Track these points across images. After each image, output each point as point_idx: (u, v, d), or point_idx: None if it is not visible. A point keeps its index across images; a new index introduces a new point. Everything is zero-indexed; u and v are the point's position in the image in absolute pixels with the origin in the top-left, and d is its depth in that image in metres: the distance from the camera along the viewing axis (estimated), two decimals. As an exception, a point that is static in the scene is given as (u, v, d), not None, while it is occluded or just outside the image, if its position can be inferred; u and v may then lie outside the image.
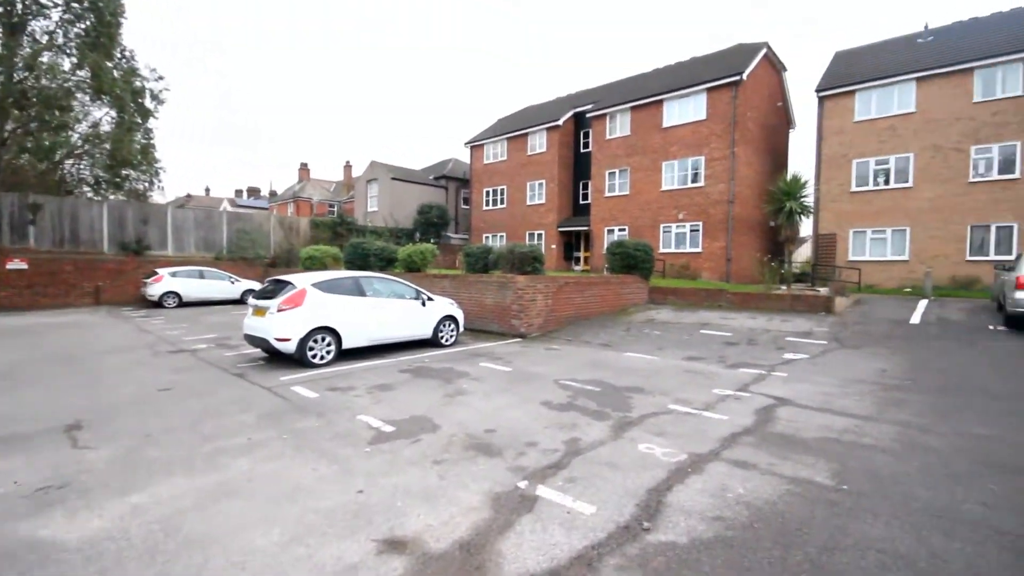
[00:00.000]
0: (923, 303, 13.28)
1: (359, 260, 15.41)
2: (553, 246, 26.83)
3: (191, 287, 16.97)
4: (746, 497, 3.30)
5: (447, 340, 9.37)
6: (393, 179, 31.14)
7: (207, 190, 55.34)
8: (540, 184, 27.41)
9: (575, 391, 6.05)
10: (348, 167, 49.28)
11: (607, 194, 24.21)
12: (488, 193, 30.31)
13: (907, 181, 18.29)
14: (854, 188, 19.25)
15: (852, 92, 19.24)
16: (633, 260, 14.36)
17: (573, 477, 3.63)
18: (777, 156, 23.81)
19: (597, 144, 24.65)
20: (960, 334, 9.43)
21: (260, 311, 7.63)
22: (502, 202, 29.48)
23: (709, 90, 20.35)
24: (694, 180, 20.96)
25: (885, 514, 3.07)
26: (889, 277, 18.32)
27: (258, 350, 8.36)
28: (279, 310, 7.35)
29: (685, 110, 21.26)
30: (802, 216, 16.54)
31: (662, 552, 2.68)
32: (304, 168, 48.77)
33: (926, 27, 21.01)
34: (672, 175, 21.72)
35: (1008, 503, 3.21)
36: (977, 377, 6.58)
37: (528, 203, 28.06)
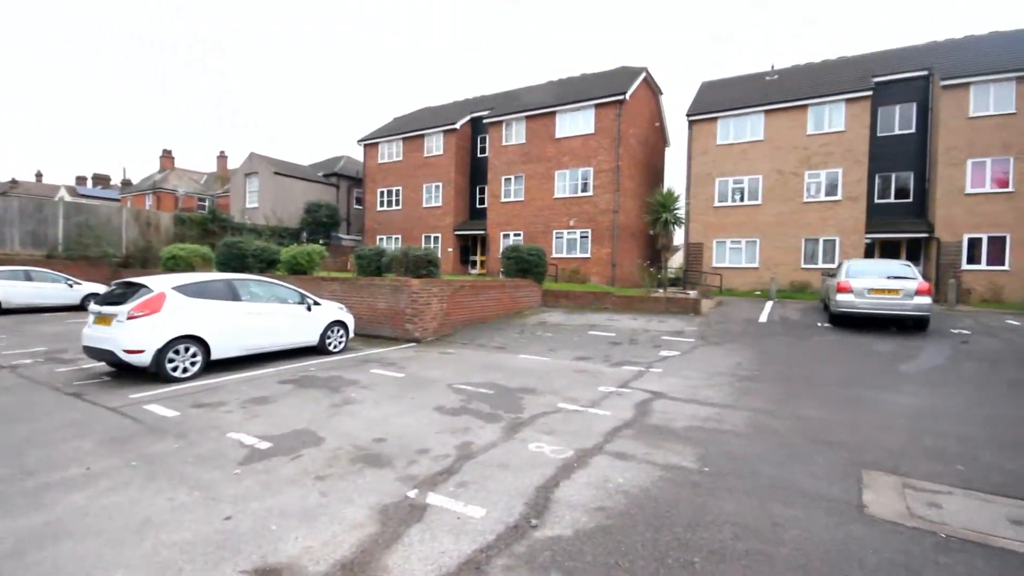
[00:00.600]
0: (769, 304, 15.38)
1: (235, 261, 13.99)
2: (450, 249, 26.71)
3: (15, 291, 14.12)
4: (624, 486, 3.53)
5: (336, 347, 8.86)
6: (276, 174, 28.82)
7: (38, 175, 46.64)
8: (437, 187, 27.15)
9: (469, 395, 6.05)
10: (223, 158, 44.52)
11: (503, 199, 24.69)
12: (383, 193, 29.32)
13: (757, 199, 21.10)
14: (717, 203, 21.76)
15: (715, 119, 21.75)
16: (527, 264, 14.79)
17: (464, 481, 3.62)
18: (655, 171, 26.10)
19: (494, 150, 25.05)
20: (797, 331, 11.07)
21: (104, 319, 6.57)
22: (397, 203, 28.70)
23: (597, 106, 21.72)
24: (584, 190, 22.19)
25: (738, 490, 3.48)
26: (744, 282, 20.95)
27: (103, 364, 7.19)
28: (130, 317, 6.38)
29: (576, 123, 22.46)
30: (675, 226, 18.30)
31: (548, 547, 2.76)
32: (167, 156, 43.00)
33: (772, 67, 24.46)
34: (564, 184, 22.78)
35: (831, 473, 3.81)
36: (808, 367, 7.76)
37: (424, 205, 27.64)
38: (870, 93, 19.23)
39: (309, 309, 8.44)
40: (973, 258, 18.02)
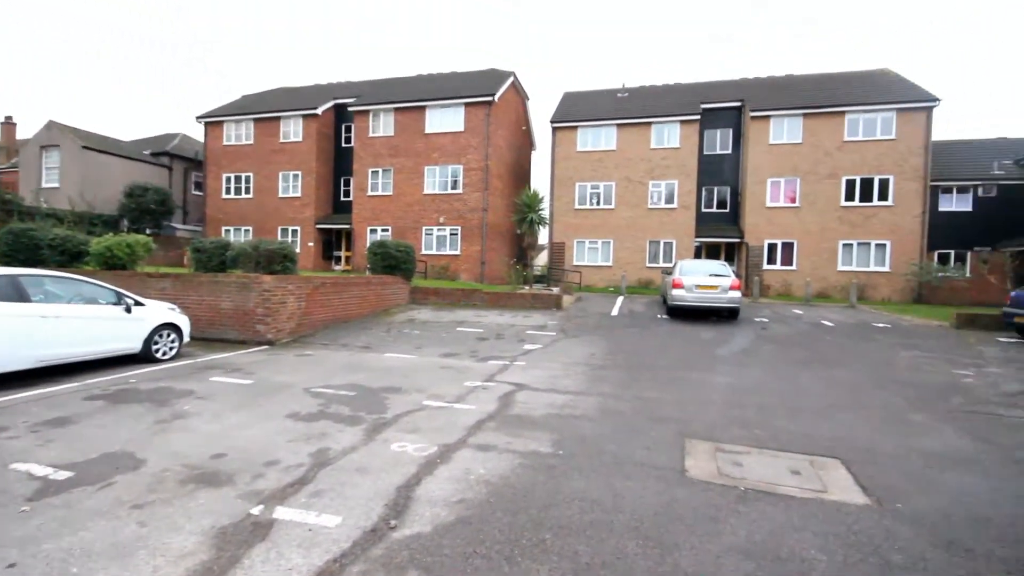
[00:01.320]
0: (620, 299, 17.04)
1: (24, 253, 11.35)
2: (311, 244, 24.84)
3: None
4: (485, 476, 3.64)
5: (165, 353, 7.68)
6: (86, 148, 23.99)
7: None
8: (296, 175, 25.03)
9: (328, 398, 5.70)
10: (9, 124, 35.54)
11: (370, 193, 23.69)
12: (229, 180, 26.13)
13: (611, 204, 23.20)
14: (577, 206, 23.44)
15: (575, 127, 23.38)
16: (395, 261, 14.39)
17: (319, 490, 3.40)
18: (522, 173, 27.22)
19: (360, 141, 23.88)
20: (641, 322, 12.43)
21: None
22: (247, 191, 25.82)
23: (467, 105, 21.93)
24: (454, 187, 22.27)
25: (586, 469, 3.81)
26: (601, 279, 22.90)
27: None
28: None
29: (446, 120, 22.41)
30: (540, 226, 19.34)
31: (406, 546, 2.73)
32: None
33: (623, 86, 27.04)
34: (434, 180, 22.61)
35: (662, 445, 4.36)
36: (649, 354, 8.77)
37: (281, 195, 25.31)
38: (698, 117, 22.31)
39: (129, 311, 7.20)
40: (772, 260, 21.97)
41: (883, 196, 20.99)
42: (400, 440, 4.39)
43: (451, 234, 22.39)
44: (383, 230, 23.28)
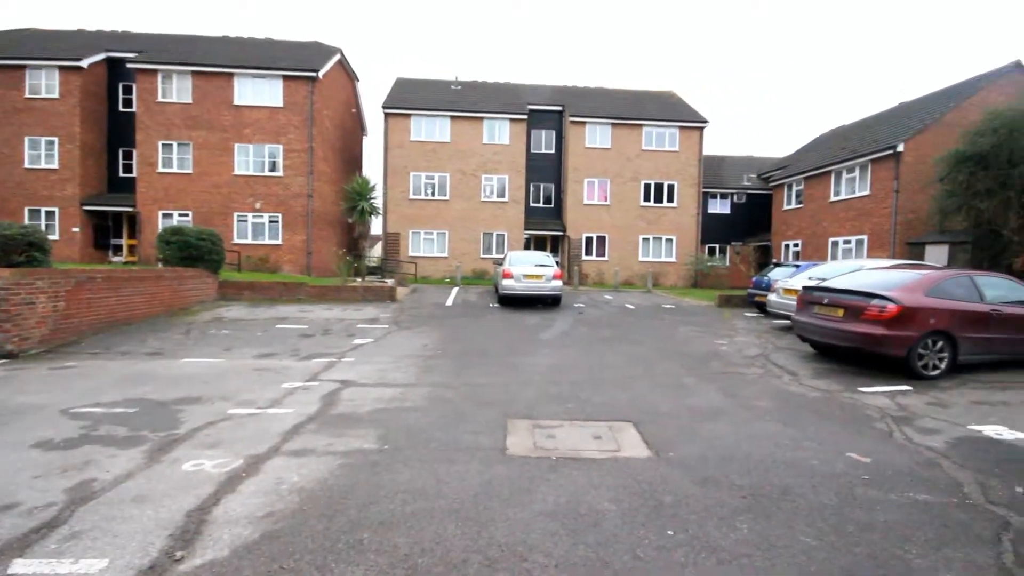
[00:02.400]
0: (456, 290, 17.36)
1: None
2: (75, 229, 20.01)
3: None
4: (300, 484, 3.37)
5: None
6: None
7: None
8: (51, 142, 19.84)
9: (96, 419, 4.66)
10: None
11: (162, 169, 19.97)
12: (-62, 141, 19.50)
13: (446, 195, 23.40)
14: (412, 196, 23.10)
15: (409, 115, 22.93)
16: (197, 251, 12.39)
17: (77, 532, 2.76)
18: (353, 158, 25.75)
19: (145, 106, 19.89)
20: (474, 311, 12.85)
21: None
22: (-29, 158, 19.62)
23: (286, 78, 19.83)
24: (272, 169, 20.03)
25: (412, 460, 3.79)
26: (437, 270, 23.01)
27: None
28: None
29: (260, 92, 19.96)
30: (373, 215, 18.55)
31: (196, 577, 2.38)
32: None
33: (456, 78, 27.34)
34: (248, 159, 20.02)
35: (486, 428, 4.56)
36: (480, 342, 9.11)
37: (28, 166, 19.84)
38: (525, 117, 23.75)
39: None
40: (589, 251, 24.61)
41: (670, 199, 25.06)
42: (196, 458, 3.80)
43: (271, 222, 20.13)
44: (181, 215, 19.85)
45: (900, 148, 17.53)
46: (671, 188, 24.89)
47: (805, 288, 8.26)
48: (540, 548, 2.67)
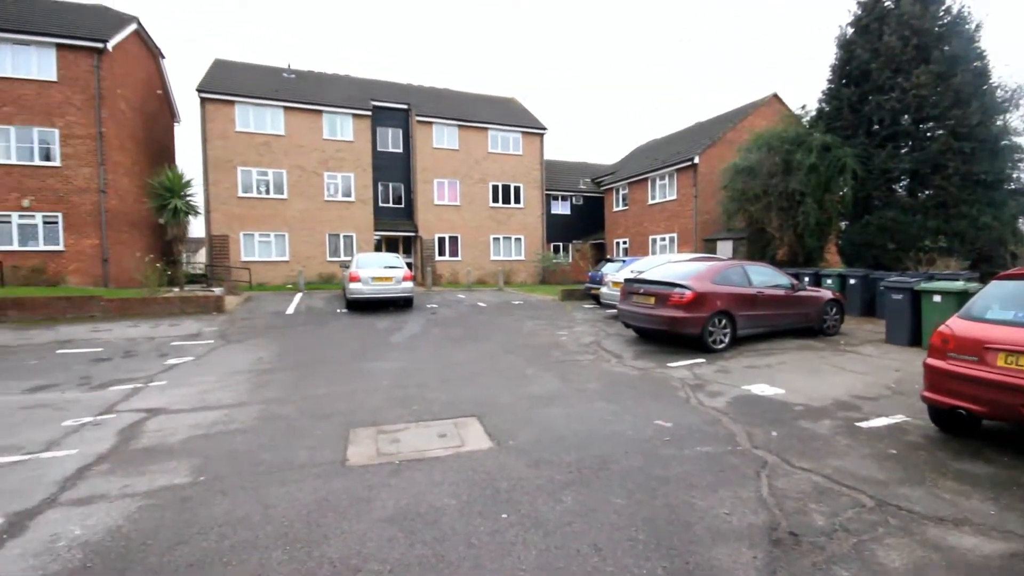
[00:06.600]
0: (299, 296, 16.04)
1: None
2: None
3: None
4: (84, 537, 2.82)
5: None
6: None
7: None
8: None
9: None
10: None
11: None
12: None
13: (283, 193, 21.44)
14: (241, 194, 20.67)
15: (232, 102, 20.45)
16: (-75, 261, 9.47)
17: None
18: (162, 149, 22.10)
19: None
20: (320, 318, 12.02)
21: None
22: None
23: (61, 47, 16.14)
24: (46, 157, 16.19)
25: (235, 488, 3.43)
26: (276, 275, 20.96)
27: None
28: None
29: (24, 63, 15.97)
30: (190, 215, 16.11)
31: None
32: None
33: (288, 66, 25.14)
34: (7, 145, 15.87)
35: (326, 441, 4.32)
36: (325, 350, 8.57)
37: None
38: (370, 113, 22.89)
39: None
40: (442, 251, 24.70)
41: (517, 200, 26.40)
42: (-79, 530, 2.94)
43: (46, 222, 16.24)
44: (-101, 214, 14.95)
45: (696, 160, 20.96)
46: (517, 190, 26.23)
47: (626, 280, 9.41)
48: (376, 556, 2.63)
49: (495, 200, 25.79)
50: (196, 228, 22.04)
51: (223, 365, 7.42)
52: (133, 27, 18.58)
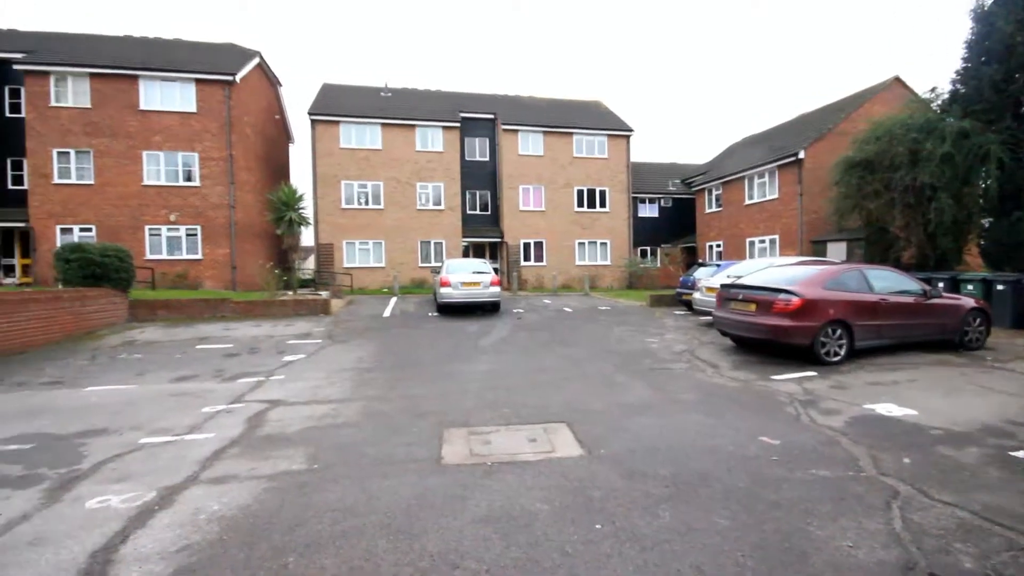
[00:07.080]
0: (393, 300, 17.03)
1: None
2: (-47, 249, 17.71)
3: None
4: (220, 512, 3.20)
5: None
6: None
7: None
8: (-84, 151, 17.45)
9: (-21, 460, 4.16)
10: None
11: (59, 180, 18.16)
12: None
13: (380, 204, 22.94)
14: (344, 205, 22.44)
15: (337, 122, 22.31)
16: (101, 268, 11.37)
17: (-46, 590, 2.47)
18: (279, 167, 24.65)
19: (36, 111, 18.03)
20: (413, 321, 12.66)
21: None
22: None
23: (199, 82, 18.67)
24: (188, 179, 18.76)
25: (343, 477, 3.70)
26: (373, 280, 22.45)
27: None
28: None
29: (170, 96, 18.65)
30: (303, 226, 17.82)
31: (99, 624, 2.20)
32: None
33: (386, 85, 26.91)
34: (158, 169, 18.62)
35: (422, 439, 4.53)
36: (418, 352, 9.00)
37: None
38: (458, 125, 23.80)
39: None
40: (527, 257, 24.97)
41: (603, 204, 25.98)
42: (101, 494, 3.50)
43: (188, 235, 18.81)
44: (83, 229, 18.11)
45: (801, 155, 19.26)
46: (603, 194, 25.82)
47: (723, 286, 8.86)
48: (472, 554, 2.70)
49: (580, 204, 25.59)
50: (306, 237, 24.29)
51: (330, 363, 8.07)
52: (256, 60, 21.02)
